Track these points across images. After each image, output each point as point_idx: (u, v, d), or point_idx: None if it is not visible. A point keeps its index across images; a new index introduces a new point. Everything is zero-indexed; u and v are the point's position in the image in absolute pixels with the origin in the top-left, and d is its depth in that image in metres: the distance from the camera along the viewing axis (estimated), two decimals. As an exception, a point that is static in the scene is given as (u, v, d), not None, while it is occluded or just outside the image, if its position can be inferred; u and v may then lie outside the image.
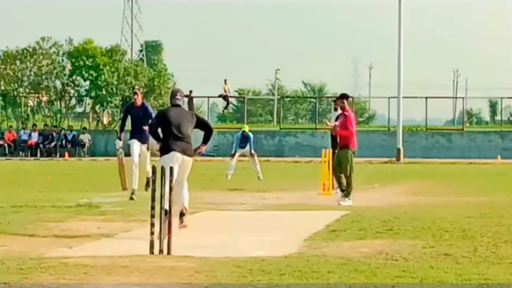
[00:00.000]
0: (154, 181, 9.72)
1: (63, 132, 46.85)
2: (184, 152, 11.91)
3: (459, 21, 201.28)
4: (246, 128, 25.49)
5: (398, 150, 41.59)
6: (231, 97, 56.16)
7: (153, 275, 8.14)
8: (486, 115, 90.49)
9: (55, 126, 47.99)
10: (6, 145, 46.00)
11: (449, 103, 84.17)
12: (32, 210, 14.21)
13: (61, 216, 13.79)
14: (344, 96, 17.78)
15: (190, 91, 50.87)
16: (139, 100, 17.36)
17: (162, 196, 9.96)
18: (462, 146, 46.28)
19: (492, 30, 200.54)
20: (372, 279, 7.94)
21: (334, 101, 21.42)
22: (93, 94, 49.54)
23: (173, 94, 12.62)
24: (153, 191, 9.72)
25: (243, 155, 24.86)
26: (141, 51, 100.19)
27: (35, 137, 46.02)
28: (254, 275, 8.11)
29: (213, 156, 38.96)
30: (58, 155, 45.18)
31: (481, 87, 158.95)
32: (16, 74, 48.89)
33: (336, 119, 19.92)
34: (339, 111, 20.02)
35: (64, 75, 49.38)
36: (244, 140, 24.58)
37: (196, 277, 8.06)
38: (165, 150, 11.97)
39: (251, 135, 24.62)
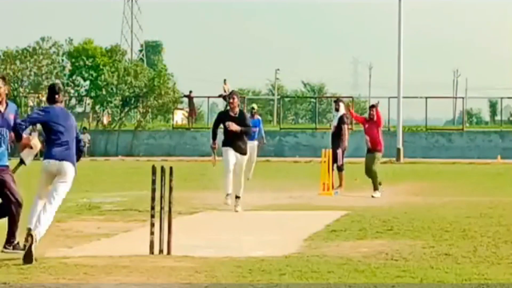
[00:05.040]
0: (154, 181, 9.71)
1: (63, 132, 46.85)
2: None
3: (459, 21, 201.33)
4: (255, 106, 23.90)
5: (398, 150, 41.58)
6: (231, 97, 56.15)
7: (153, 275, 8.13)
8: (486, 115, 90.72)
9: (55, 126, 47.96)
10: (6, 145, 45.98)
11: (449, 103, 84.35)
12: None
13: (61, 216, 13.76)
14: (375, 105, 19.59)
15: (190, 91, 50.92)
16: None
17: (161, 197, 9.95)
18: (462, 146, 46.29)
19: (492, 30, 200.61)
20: (372, 279, 7.94)
21: (335, 101, 21.40)
22: (93, 94, 49.55)
23: None
24: (153, 191, 9.71)
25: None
26: (141, 51, 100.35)
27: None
28: (254, 275, 8.10)
29: None
30: (58, 155, 45.15)
31: (481, 87, 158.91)
32: (16, 74, 48.87)
33: (340, 121, 19.95)
34: (340, 112, 20.10)
35: (64, 75, 49.40)
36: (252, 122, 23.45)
37: (196, 277, 8.05)
38: None
39: (259, 118, 23.11)
